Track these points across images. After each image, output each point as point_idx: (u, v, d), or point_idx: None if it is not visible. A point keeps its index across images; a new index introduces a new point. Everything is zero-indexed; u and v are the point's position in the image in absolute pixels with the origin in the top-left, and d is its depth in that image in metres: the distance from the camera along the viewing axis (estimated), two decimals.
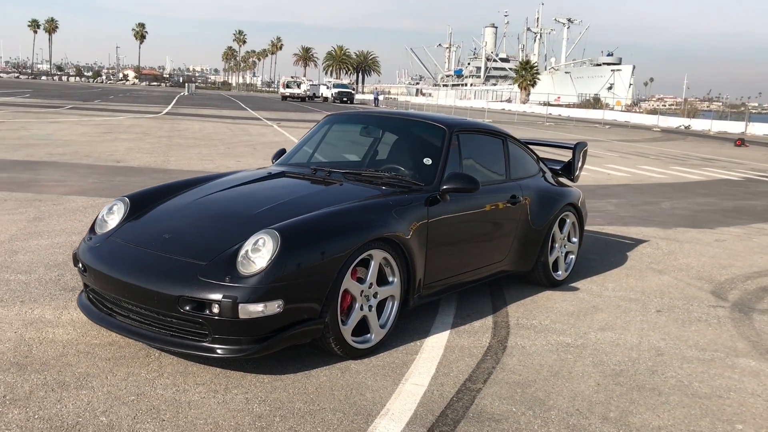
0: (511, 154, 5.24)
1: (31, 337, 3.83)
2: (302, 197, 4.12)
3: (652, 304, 5.23)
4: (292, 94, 62.63)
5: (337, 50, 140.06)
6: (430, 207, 4.22)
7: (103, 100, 39.48)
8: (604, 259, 6.65)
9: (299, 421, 3.08)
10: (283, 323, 3.41)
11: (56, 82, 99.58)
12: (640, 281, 5.90)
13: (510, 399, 3.43)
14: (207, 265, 3.43)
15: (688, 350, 4.29)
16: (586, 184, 12.47)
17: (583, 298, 5.29)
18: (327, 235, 3.57)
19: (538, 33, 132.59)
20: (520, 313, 4.82)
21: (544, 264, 5.33)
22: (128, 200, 4.15)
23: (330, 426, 3.05)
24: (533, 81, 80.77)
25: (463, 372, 3.73)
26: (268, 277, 3.32)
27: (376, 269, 3.84)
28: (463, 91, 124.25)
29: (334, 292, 3.56)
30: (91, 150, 13.32)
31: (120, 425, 2.93)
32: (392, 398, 3.36)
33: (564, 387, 3.62)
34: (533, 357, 4.02)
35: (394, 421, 3.12)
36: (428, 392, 3.45)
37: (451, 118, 5.15)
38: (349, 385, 3.48)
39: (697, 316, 4.99)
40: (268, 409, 3.16)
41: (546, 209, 5.26)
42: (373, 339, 3.89)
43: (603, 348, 4.24)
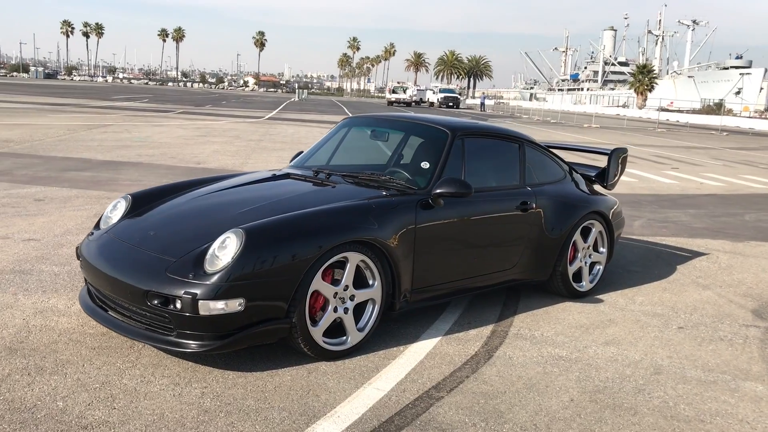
0: (528, 159, 5.08)
1: (34, 324, 4.10)
2: (290, 198, 4.18)
3: (676, 321, 4.93)
4: (398, 100, 63.23)
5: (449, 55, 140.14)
6: (421, 211, 4.18)
7: (214, 105, 41.34)
8: (648, 271, 6.33)
9: (242, 417, 3.13)
10: (246, 321, 3.48)
11: (180, 88, 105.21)
12: (675, 296, 5.57)
13: (468, 410, 3.35)
14: (176, 261, 3.56)
15: (692, 370, 4.02)
16: (668, 193, 11.91)
17: (602, 311, 5.06)
18: (295, 236, 3.61)
19: (659, 36, 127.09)
20: (525, 324, 4.67)
21: (562, 274, 5.14)
22: (131, 198, 4.36)
23: (270, 424, 3.09)
24: (650, 85, 77.56)
25: (432, 380, 3.67)
26: (228, 275, 3.40)
27: (352, 272, 3.84)
28: (578, 96, 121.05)
29: (302, 293, 3.60)
30: (178, 152, 14.01)
31: (72, 410, 3.09)
32: (346, 401, 3.36)
33: (532, 401, 3.49)
34: (515, 368, 3.89)
35: (335, 424, 3.12)
36: (386, 397, 3.42)
37: (460, 122, 5.06)
38: (310, 385, 3.51)
39: (721, 335, 4.66)
40: (218, 405, 3.24)
41: (564, 217, 5.07)
42: (350, 341, 3.89)
43: (597, 363, 4.05)
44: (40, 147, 13.48)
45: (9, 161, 11.25)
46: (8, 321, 4.13)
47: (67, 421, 3.00)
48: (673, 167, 17.07)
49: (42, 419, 3.00)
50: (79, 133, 16.82)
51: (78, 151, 13.23)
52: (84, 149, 13.55)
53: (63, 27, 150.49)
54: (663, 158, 19.61)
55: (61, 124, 19.33)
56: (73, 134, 16.49)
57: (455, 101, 63.90)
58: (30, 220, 6.89)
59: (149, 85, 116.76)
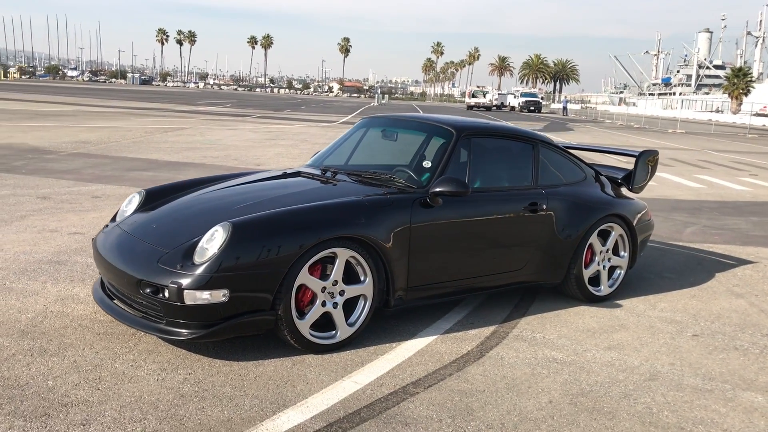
0: (543, 160, 5.02)
1: (52, 310, 4.37)
2: (288, 195, 4.29)
3: (693, 328, 4.76)
4: (477, 104, 62.84)
5: (534, 59, 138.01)
6: (418, 210, 4.20)
7: (293, 109, 42.24)
8: (682, 278, 6.12)
9: (213, 403, 3.25)
10: (232, 312, 3.61)
11: (266, 94, 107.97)
12: (703, 303, 5.37)
13: (440, 406, 3.36)
14: (168, 252, 3.73)
15: (691, 378, 3.88)
16: (735, 200, 11.41)
17: (616, 316, 4.94)
18: (281, 231, 3.71)
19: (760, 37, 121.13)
20: (531, 326, 4.62)
21: (577, 277, 5.04)
22: (145, 193, 4.58)
23: (238, 410, 3.19)
24: (746, 89, 74.01)
25: (413, 376, 3.70)
26: (213, 266, 3.54)
27: (342, 267, 3.91)
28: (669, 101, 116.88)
29: (288, 286, 3.70)
30: (242, 154, 14.44)
31: (59, 389, 3.29)
32: (319, 392, 3.43)
33: (508, 400, 3.47)
34: (502, 369, 3.87)
35: (301, 413, 3.20)
36: (360, 391, 3.47)
37: (469, 121, 5.04)
38: (290, 376, 3.60)
39: (737, 345, 4.47)
40: (196, 390, 3.37)
41: (579, 219, 4.97)
42: (339, 336, 3.96)
43: (590, 367, 3.97)
44: (113, 148, 14.18)
45: (81, 161, 11.90)
46: (30, 306, 4.42)
47: (51, 398, 3.20)
48: (752, 174, 16.29)
49: (29, 396, 3.21)
50: (155, 136, 17.59)
51: (148, 152, 13.85)
52: (154, 151, 14.16)
53: (158, 35, 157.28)
54: (743, 165, 18.73)
55: (140, 127, 20.26)
56: (149, 136, 17.25)
57: (536, 105, 62.94)
58: (82, 216, 7.30)
59: (237, 91, 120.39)
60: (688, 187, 13.16)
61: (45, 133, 16.81)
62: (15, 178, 9.72)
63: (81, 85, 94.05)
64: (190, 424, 3.04)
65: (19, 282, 4.89)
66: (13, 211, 7.37)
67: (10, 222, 6.84)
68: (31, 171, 10.45)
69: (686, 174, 15.42)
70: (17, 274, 5.08)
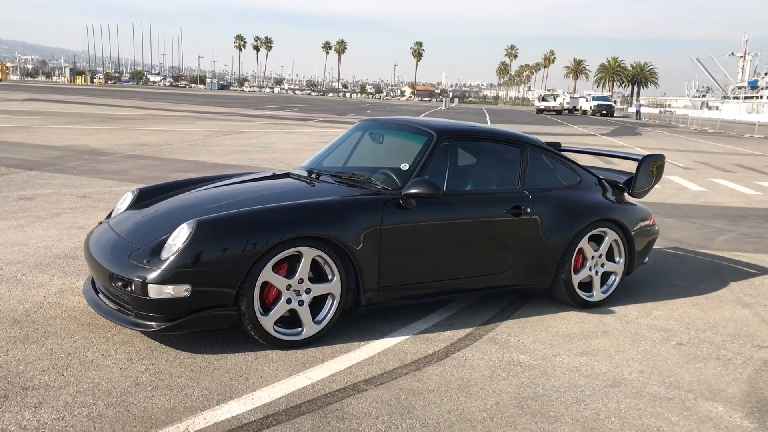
0: (531, 164, 5.00)
1: (49, 301, 4.64)
2: (265, 195, 4.43)
3: (681, 336, 4.64)
4: (547, 108, 61.94)
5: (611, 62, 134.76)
6: (390, 211, 4.27)
7: (357, 113, 42.68)
8: (691, 286, 5.95)
9: (164, 392, 3.41)
10: (195, 306, 3.76)
11: (337, 98, 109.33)
12: (703, 312, 5.22)
13: (383, 403, 3.42)
14: (139, 248, 3.92)
15: (655, 386, 3.81)
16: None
17: (604, 322, 4.86)
18: (245, 229, 3.84)
19: None
20: (509, 329, 4.61)
21: (566, 282, 4.99)
22: (138, 192, 4.81)
23: (185, 399, 3.34)
24: None
25: (368, 374, 3.76)
26: (176, 262, 3.70)
27: (308, 266, 4.02)
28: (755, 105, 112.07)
29: (250, 283, 3.83)
30: (290, 157, 14.75)
31: (26, 374, 3.52)
32: (269, 386, 3.54)
33: (453, 401, 3.49)
34: (462, 370, 3.89)
35: (243, 404, 3.32)
36: (310, 386, 3.57)
37: (451, 124, 5.06)
38: (248, 370, 3.73)
39: (720, 355, 4.34)
40: (152, 380, 3.54)
41: (567, 223, 4.92)
42: (305, 333, 4.07)
43: (553, 371, 3.94)
44: (167, 150, 14.74)
45: (131, 162, 12.43)
46: (31, 297, 4.70)
47: (15, 382, 3.42)
48: None
49: None
50: (212, 139, 18.16)
51: (199, 154, 14.32)
52: (205, 153, 14.64)
53: (236, 41, 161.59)
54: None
55: (201, 131, 20.94)
56: (206, 140, 17.82)
57: (608, 109, 61.54)
58: None
59: (310, 96, 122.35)
60: (741, 193, 12.68)
61: (108, 135, 17.61)
62: (64, 177, 10.26)
63: (161, 90, 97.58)
64: (134, 411, 3.20)
65: (30, 275, 5.20)
66: (50, 209, 7.80)
67: (44, 219, 7.25)
68: (82, 171, 10.99)
69: (745, 180, 14.85)
70: (31, 267, 5.40)
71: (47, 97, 43.60)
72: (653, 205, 10.61)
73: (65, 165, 11.64)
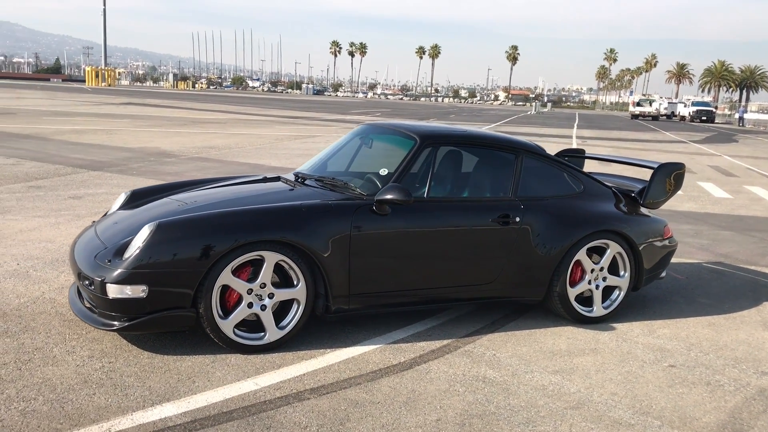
0: (526, 171, 4.78)
1: (45, 297, 4.81)
2: (245, 198, 4.45)
3: (677, 358, 4.33)
4: (642, 113, 59.73)
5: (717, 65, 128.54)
6: (361, 217, 4.18)
7: (440, 118, 42.50)
8: (717, 304, 5.56)
9: (106, 390, 3.44)
10: (152, 307, 3.80)
11: (429, 103, 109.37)
12: (715, 332, 4.85)
13: (318, 414, 3.34)
14: (106, 248, 4.01)
15: (621, 411, 3.55)
16: None
17: (597, 339, 4.60)
18: (204, 232, 3.85)
19: None
20: (491, 342, 4.42)
21: (561, 296, 4.74)
22: (130, 193, 4.92)
23: (123, 399, 3.37)
24: None
25: (318, 382, 3.69)
26: (133, 263, 3.76)
27: (270, 271, 3.99)
28: None
29: (208, 286, 3.83)
30: None
31: None
32: (211, 390, 3.52)
33: (393, 415, 3.37)
34: (418, 383, 3.75)
35: (176, 407, 3.31)
36: (252, 392, 3.53)
37: (438, 129, 4.89)
38: (200, 372, 3.73)
39: (713, 380, 4.01)
40: (101, 378, 3.59)
41: (562, 233, 4.67)
42: (267, 338, 4.04)
43: (517, 390, 3.74)
44: (233, 153, 15.12)
45: (192, 164, 12.82)
46: (30, 292, 4.89)
47: None
48: None
49: None
50: (281, 143, 18.51)
51: (261, 158, 14.61)
52: (269, 156, 14.92)
53: (332, 47, 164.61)
54: None
55: (275, 134, 21.40)
56: (275, 143, 18.18)
57: (708, 115, 58.67)
58: None
59: (402, 100, 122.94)
60: None
61: (184, 138, 18.26)
62: (121, 178, 10.69)
63: (257, 95, 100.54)
64: (68, 408, 3.26)
65: (42, 270, 5.42)
66: (93, 208, 8.14)
67: (83, 217, 7.57)
68: (141, 172, 11.43)
69: None
70: (46, 263, 5.63)
71: (144, 101, 45.76)
72: (716, 216, 10.03)
73: (128, 166, 12.13)
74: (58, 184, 9.80)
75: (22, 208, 7.98)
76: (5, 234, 6.63)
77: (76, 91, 65.09)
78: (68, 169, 11.42)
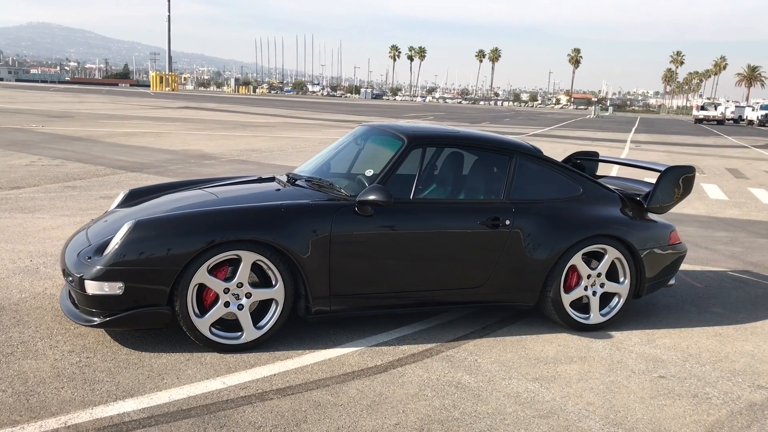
0: (519, 172, 4.66)
1: (46, 293, 4.93)
2: (231, 198, 4.48)
3: (669, 369, 4.14)
4: (706, 117, 57.85)
5: None
6: (342, 218, 4.15)
7: (493, 122, 42.10)
8: (732, 314, 5.32)
9: (75, 385, 3.50)
10: (129, 304, 3.85)
11: (487, 107, 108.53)
12: (719, 343, 4.64)
13: (277, 415, 3.31)
14: (89, 245, 4.09)
15: (592, 422, 3.41)
16: None
17: (589, 347, 4.45)
18: (180, 231, 3.88)
19: None
20: (477, 347, 4.33)
21: (554, 301, 4.61)
22: (128, 192, 5.01)
23: (88, 394, 3.41)
24: None
25: (286, 383, 3.67)
26: (110, 260, 3.81)
27: (247, 270, 3.99)
28: None
29: (184, 284, 3.86)
30: None
31: None
32: (176, 387, 3.54)
33: (350, 417, 3.32)
34: (387, 386, 3.69)
35: (137, 403, 3.34)
36: (216, 391, 3.52)
37: (428, 129, 4.80)
38: (171, 370, 3.75)
39: (701, 392, 3.83)
40: (73, 372, 3.65)
41: (555, 237, 4.54)
42: (244, 338, 4.05)
43: (488, 396, 3.64)
44: (273, 156, 15.30)
45: (230, 167, 13.02)
46: (33, 288, 5.03)
47: None
48: None
49: None
50: (323, 146, 18.54)
51: (300, 160, 14.70)
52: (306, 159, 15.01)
53: (391, 51, 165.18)
54: None
55: (320, 138, 21.55)
56: (317, 146, 18.30)
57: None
58: None
59: (460, 104, 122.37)
60: None
61: (228, 141, 18.58)
62: (157, 179, 10.93)
63: (316, 99, 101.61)
64: (33, 401, 3.32)
65: (51, 268, 5.57)
66: None
67: None
68: (178, 174, 11.66)
69: None
70: (56, 260, 5.78)
71: (201, 105, 46.79)
72: (757, 224, 9.62)
73: (167, 168, 12.40)
74: (93, 185, 10.08)
75: (52, 207, 8.24)
76: (29, 231, 6.85)
77: (138, 95, 67.11)
78: (108, 170, 11.75)
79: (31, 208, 8.11)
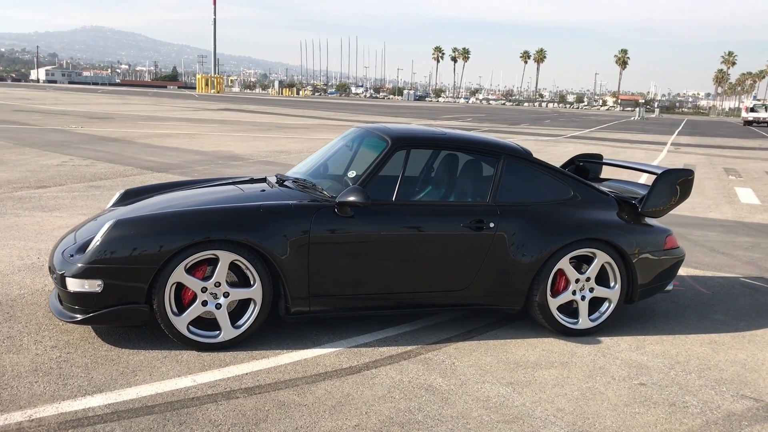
0: (507, 175, 4.61)
1: (44, 290, 5.05)
2: (218, 198, 4.54)
3: (652, 376, 4.05)
4: (756, 119, 56.27)
5: None
6: (324, 219, 4.16)
7: (532, 124, 41.68)
8: (733, 321, 5.17)
9: (49, 380, 3.58)
10: (108, 301, 3.93)
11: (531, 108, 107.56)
12: (712, 351, 4.52)
13: (238, 414, 3.34)
14: (75, 244, 4.19)
15: (556, 428, 3.35)
16: None
17: (573, 352, 4.37)
18: (157, 230, 3.94)
19: None
20: (457, 351, 4.29)
21: (541, 306, 4.54)
22: (124, 192, 5.12)
23: (59, 389, 3.48)
24: None
25: (255, 382, 3.69)
26: (89, 258, 3.90)
27: (224, 270, 4.04)
28: None
29: (162, 283, 3.93)
30: None
31: None
32: (147, 384, 3.59)
33: (311, 417, 3.33)
34: (356, 388, 3.69)
35: (105, 398, 3.40)
36: (185, 389, 3.57)
37: (413, 131, 4.78)
38: (146, 366, 3.82)
39: (679, 401, 3.73)
40: (50, 368, 3.74)
41: (541, 240, 4.47)
42: (222, 336, 4.09)
43: (457, 400, 3.61)
44: (299, 158, 15.39)
45: (255, 167, 13.17)
46: (33, 284, 5.17)
47: None
48: None
49: None
50: None
51: None
52: None
53: (434, 53, 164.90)
54: None
55: None
56: None
57: None
58: None
59: (504, 106, 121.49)
60: None
61: (260, 143, 18.79)
62: (179, 178, 11.12)
63: (358, 101, 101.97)
64: (4, 395, 3.41)
65: None
66: None
67: None
68: (201, 174, 11.84)
69: None
70: None
71: (241, 107, 47.44)
72: None
73: (193, 168, 12.60)
74: (117, 185, 10.30)
75: (72, 206, 8.45)
76: (44, 229, 7.04)
77: (183, 97, 68.37)
78: (135, 170, 11.99)
79: (51, 207, 8.34)
